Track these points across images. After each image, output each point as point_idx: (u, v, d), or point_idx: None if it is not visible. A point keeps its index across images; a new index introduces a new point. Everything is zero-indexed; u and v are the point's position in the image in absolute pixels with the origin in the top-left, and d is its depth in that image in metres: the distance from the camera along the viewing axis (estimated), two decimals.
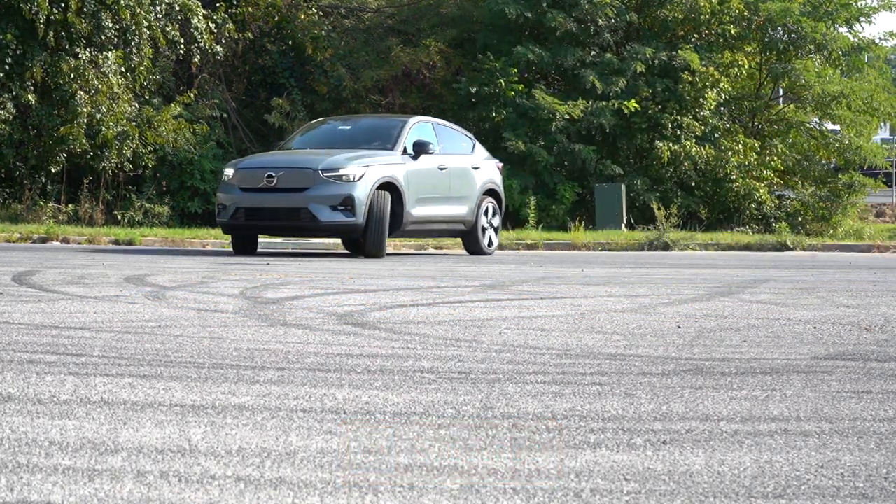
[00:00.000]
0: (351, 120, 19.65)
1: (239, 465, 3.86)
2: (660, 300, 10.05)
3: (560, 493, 3.62)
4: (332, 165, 16.47)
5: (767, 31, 27.54)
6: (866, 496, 3.66)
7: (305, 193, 16.34)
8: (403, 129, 17.72)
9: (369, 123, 19.12)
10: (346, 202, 16.27)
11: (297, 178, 16.49)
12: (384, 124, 18.43)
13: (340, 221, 16.36)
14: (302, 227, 16.79)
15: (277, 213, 16.47)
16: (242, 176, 16.85)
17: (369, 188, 16.44)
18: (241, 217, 16.63)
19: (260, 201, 16.51)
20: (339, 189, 16.28)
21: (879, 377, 5.92)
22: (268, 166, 16.67)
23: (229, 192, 16.79)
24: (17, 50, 23.25)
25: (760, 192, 26.48)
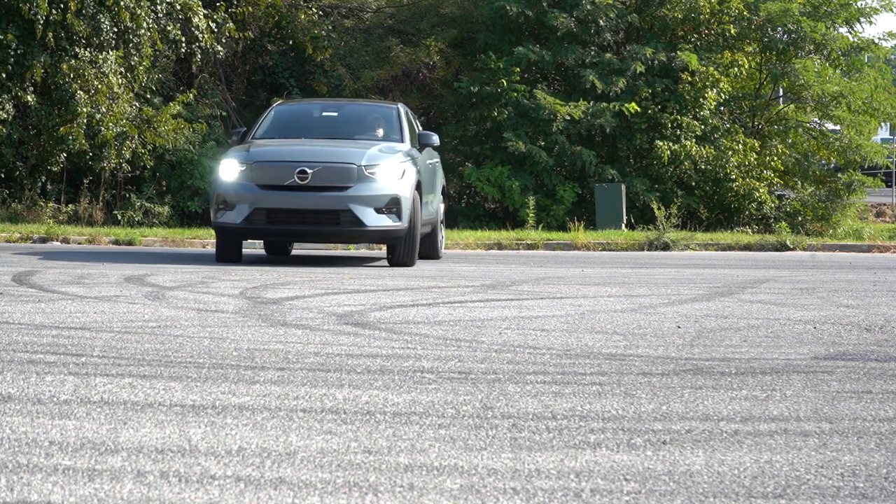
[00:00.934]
0: (331, 105, 17.27)
1: (239, 465, 3.86)
2: (660, 300, 10.05)
3: (560, 493, 3.62)
4: (374, 161, 13.88)
5: (767, 31, 27.55)
6: (866, 496, 3.66)
7: (347, 193, 13.67)
8: (401, 119, 15.59)
9: (357, 110, 16.77)
10: (393, 204, 13.73)
11: (336, 174, 13.75)
12: (377, 112, 16.24)
13: (387, 227, 13.76)
14: (342, 233, 14.15)
15: (312, 216, 13.78)
16: (263, 171, 13.86)
17: (411, 188, 13.97)
18: (261, 220, 13.75)
19: (289, 201, 13.72)
20: (384, 188, 13.74)
21: (879, 377, 5.92)
22: (300, 160, 13.82)
23: (240, 189, 13.81)
24: (17, 50, 23.26)
25: (760, 192, 26.49)
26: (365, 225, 13.68)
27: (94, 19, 23.73)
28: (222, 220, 13.89)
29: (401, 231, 13.86)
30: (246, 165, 13.86)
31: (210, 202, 14.36)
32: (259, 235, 14.67)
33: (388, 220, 13.74)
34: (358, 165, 13.77)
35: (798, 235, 24.27)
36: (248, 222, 13.78)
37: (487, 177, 25.62)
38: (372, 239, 14.20)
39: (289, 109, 16.74)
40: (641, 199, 26.01)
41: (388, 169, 13.84)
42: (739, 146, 26.69)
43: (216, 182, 14.16)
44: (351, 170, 13.75)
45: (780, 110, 28.59)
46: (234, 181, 13.83)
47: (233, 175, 13.86)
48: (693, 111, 26.90)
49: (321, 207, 13.70)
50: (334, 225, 13.80)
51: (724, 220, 26.92)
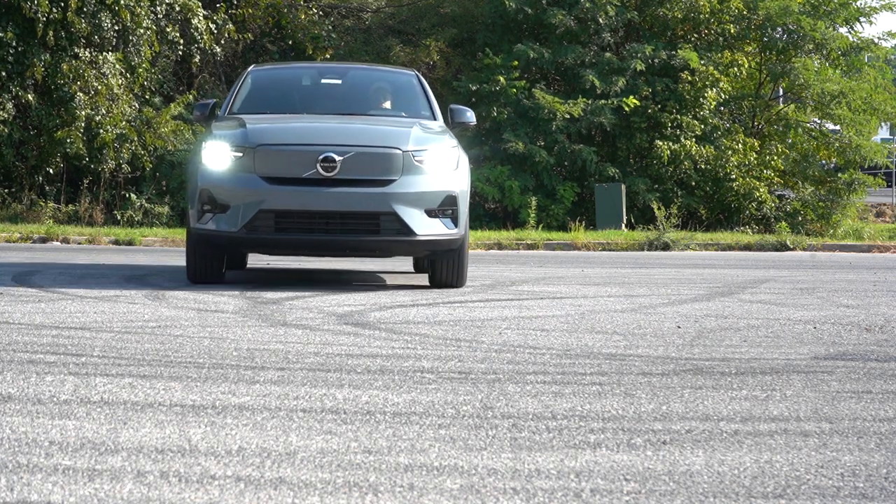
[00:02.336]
0: (332, 70, 13.49)
1: (239, 465, 3.86)
2: (660, 300, 10.05)
3: (560, 493, 3.62)
4: (422, 145, 10.44)
5: (767, 30, 27.55)
6: (866, 496, 3.66)
7: (390, 189, 10.14)
8: (426, 88, 12.11)
9: (367, 77, 12.97)
10: (449, 204, 10.34)
11: (376, 163, 10.21)
12: (392, 79, 12.70)
13: (441, 235, 10.30)
14: (383, 245, 10.29)
15: (341, 221, 10.15)
16: (271, 158, 10.20)
17: (468, 181, 10.69)
18: (268, 226, 10.08)
19: (308, 201, 10.08)
20: (437, 182, 10.31)
21: (879, 377, 5.92)
22: (323, 142, 10.23)
23: (237, 183, 10.17)
24: (17, 48, 23.26)
25: (760, 192, 26.49)
26: (414, 233, 10.08)
27: (95, 17, 23.74)
28: (210, 227, 10.13)
29: (456, 240, 10.39)
30: (244, 150, 10.15)
31: (189, 201, 10.51)
32: (266, 249, 10.71)
33: (442, 225, 10.27)
34: (404, 151, 10.21)
35: (798, 235, 24.27)
36: (250, 230, 9.99)
37: (487, 177, 25.63)
38: (421, 251, 10.49)
39: (272, 76, 12.87)
40: (641, 198, 26.01)
41: (439, 156, 10.39)
42: (739, 146, 26.68)
43: (199, 173, 10.29)
44: (395, 157, 10.17)
45: (780, 110, 28.58)
46: (228, 172, 10.15)
47: (225, 163, 10.17)
48: (693, 111, 26.90)
49: (355, 209, 10.05)
50: (372, 234, 10.10)
51: (724, 219, 26.92)
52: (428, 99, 11.92)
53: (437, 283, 10.82)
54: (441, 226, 10.29)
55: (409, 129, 10.61)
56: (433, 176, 10.29)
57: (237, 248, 10.57)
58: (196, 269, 10.60)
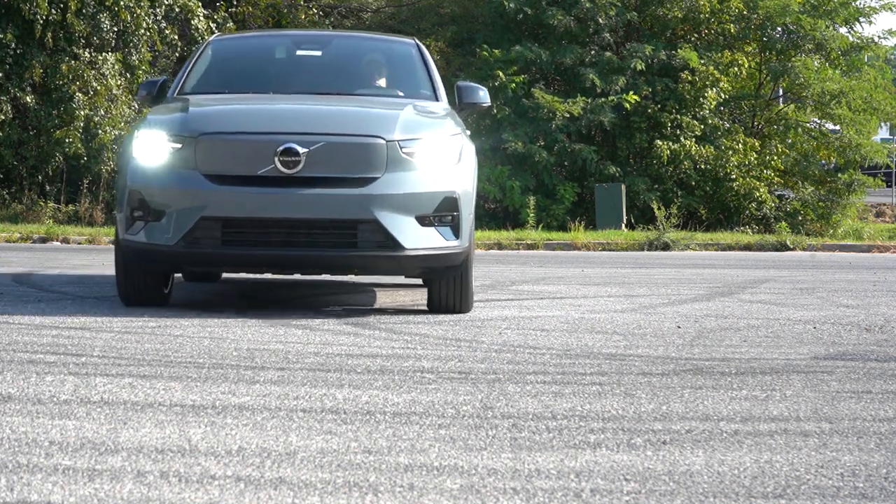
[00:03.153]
0: (310, 38, 11.15)
1: (239, 465, 3.86)
2: (660, 300, 10.05)
3: (560, 493, 3.62)
4: (413, 132, 8.32)
5: (767, 30, 27.56)
6: (866, 496, 3.66)
7: (369, 190, 8.03)
8: (427, 62, 9.81)
9: (354, 47, 10.46)
10: (448, 208, 8.20)
11: (351, 156, 8.13)
12: (386, 50, 10.34)
13: (438, 248, 8.14)
14: (360, 261, 8.15)
15: (307, 231, 8.05)
16: (215, 149, 8.14)
17: (472, 178, 8.55)
18: (214, 238, 8.01)
19: (264, 205, 7.99)
20: (432, 180, 8.20)
21: (879, 377, 5.92)
22: (283, 130, 8.14)
23: (173, 182, 8.09)
24: (16, 50, 23.26)
25: (761, 192, 26.49)
26: (401, 246, 7.99)
27: (94, 19, 23.74)
28: (141, 239, 8.11)
29: (458, 255, 8.22)
30: (183, 140, 8.10)
31: (117, 204, 8.44)
32: (210, 266, 8.92)
33: (439, 236, 8.15)
34: (388, 140, 8.10)
35: (798, 235, 24.26)
36: (190, 242, 7.96)
37: (487, 177, 25.64)
38: (412, 269, 8.26)
39: (237, 46, 10.55)
40: (641, 198, 26.01)
41: (436, 146, 8.27)
42: (740, 146, 26.68)
43: (128, 170, 8.26)
44: (376, 148, 8.08)
45: (780, 110, 28.58)
46: (164, 168, 8.11)
47: (160, 157, 8.12)
48: (693, 110, 26.90)
49: (325, 216, 7.99)
50: (348, 247, 8.02)
51: (724, 219, 26.91)
52: (430, 74, 9.61)
53: (436, 308, 8.58)
54: (437, 237, 8.10)
55: (397, 112, 8.48)
56: (427, 172, 8.13)
57: (175, 265, 8.37)
58: (128, 289, 8.43)
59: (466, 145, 8.56)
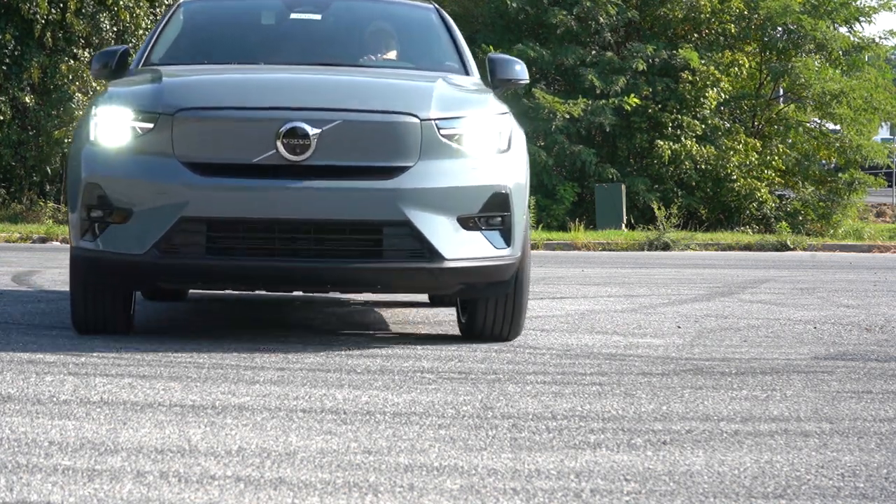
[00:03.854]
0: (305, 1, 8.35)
1: (239, 465, 3.86)
2: (660, 300, 10.04)
3: (560, 493, 3.62)
4: (453, 110, 6.68)
5: (767, 30, 27.57)
6: (867, 496, 3.66)
7: (397, 183, 6.40)
8: (452, 30, 8.00)
9: (361, 11, 8.41)
10: (498, 206, 6.58)
11: (373, 140, 6.48)
12: (401, 15, 8.41)
13: (487, 259, 6.52)
14: (387, 275, 6.47)
15: (317, 237, 6.39)
16: (198, 130, 6.48)
17: (525, 169, 6.89)
18: (195, 246, 6.36)
19: (263, 204, 6.34)
20: (477, 172, 6.57)
21: (880, 377, 5.92)
22: (285, 105, 6.51)
23: (143, 172, 6.44)
24: (15, 50, 23.27)
25: (761, 192, 26.50)
26: (440, 256, 6.33)
27: (94, 19, 23.74)
28: (100, 247, 6.41)
29: (509, 266, 6.57)
30: (156, 119, 6.42)
31: (69, 203, 6.71)
32: (192, 280, 6.77)
33: (487, 242, 6.48)
34: (423, 119, 6.46)
35: (798, 235, 24.27)
36: (166, 251, 6.30)
37: None
38: (451, 285, 6.53)
39: (214, 9, 8.44)
40: (642, 199, 26.01)
41: (481, 128, 6.62)
42: (740, 146, 26.69)
43: (83, 158, 6.56)
44: (409, 128, 6.43)
45: (781, 110, 28.59)
46: (130, 155, 6.43)
47: (124, 140, 6.44)
48: (693, 110, 26.90)
49: (341, 217, 6.33)
50: (371, 257, 6.36)
51: (725, 219, 26.91)
52: (455, 43, 7.85)
53: (475, 333, 6.85)
54: (484, 243, 6.45)
55: (430, 85, 6.85)
56: (472, 160, 6.49)
57: (145, 281, 6.87)
58: (85, 312, 6.69)
59: (516, 128, 6.84)
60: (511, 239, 6.56)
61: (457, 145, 6.52)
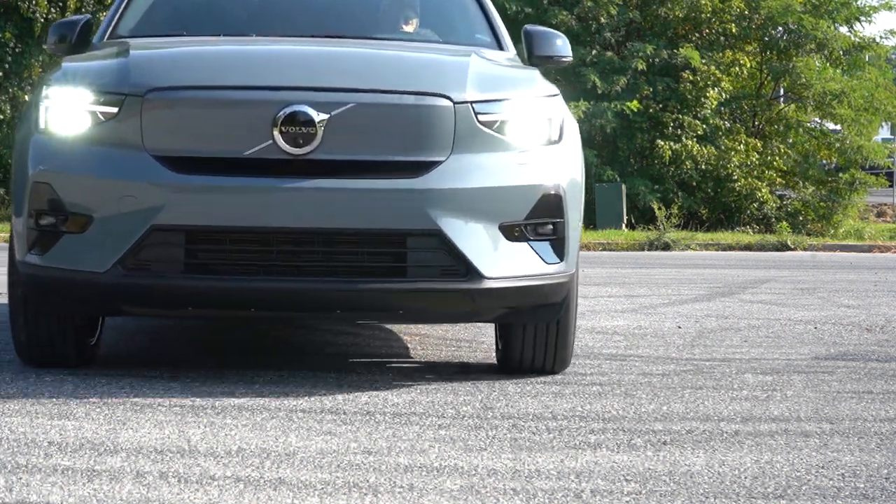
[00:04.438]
0: None
1: (238, 465, 3.85)
2: (660, 300, 10.04)
3: (560, 493, 3.61)
4: (495, 90, 5.45)
5: (768, 29, 27.57)
6: (867, 496, 3.66)
7: (427, 182, 5.16)
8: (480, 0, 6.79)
9: None
10: (547, 213, 5.34)
11: (394, 126, 5.23)
12: None
13: (535, 277, 5.30)
14: (413, 300, 5.23)
15: (326, 250, 5.13)
16: (173, 116, 5.20)
17: (578, 167, 5.63)
18: (172, 262, 5.10)
19: (256, 209, 5.11)
20: (524, 169, 5.33)
21: (880, 377, 5.92)
22: (287, 85, 5.23)
23: (105, 169, 5.15)
24: (15, 49, 23.28)
25: (762, 192, 26.51)
26: (478, 273, 5.18)
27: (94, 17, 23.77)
28: (51, 263, 5.22)
29: (560, 286, 5.43)
30: (120, 100, 5.22)
31: (13, 206, 5.49)
32: (166, 303, 5.29)
33: (536, 256, 5.33)
34: (457, 102, 5.29)
35: (799, 235, 24.27)
36: (133, 268, 5.11)
37: None
38: (492, 310, 5.36)
39: None
40: (642, 199, 26.01)
41: (529, 114, 5.45)
42: (741, 146, 26.70)
43: (30, 150, 5.36)
44: (439, 113, 5.27)
45: (781, 110, 28.60)
46: (87, 146, 5.24)
47: (81, 128, 5.25)
48: (694, 110, 26.91)
49: (353, 225, 5.15)
50: (390, 276, 5.20)
51: (725, 220, 26.92)
52: (486, 13, 6.70)
53: (514, 366, 5.70)
54: (533, 258, 5.27)
55: (464, 60, 5.64)
56: (518, 154, 5.31)
57: (108, 305, 5.32)
58: (29, 342, 5.50)
59: (568, 115, 5.66)
60: (564, 251, 5.34)
61: (499, 135, 5.28)
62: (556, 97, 5.60)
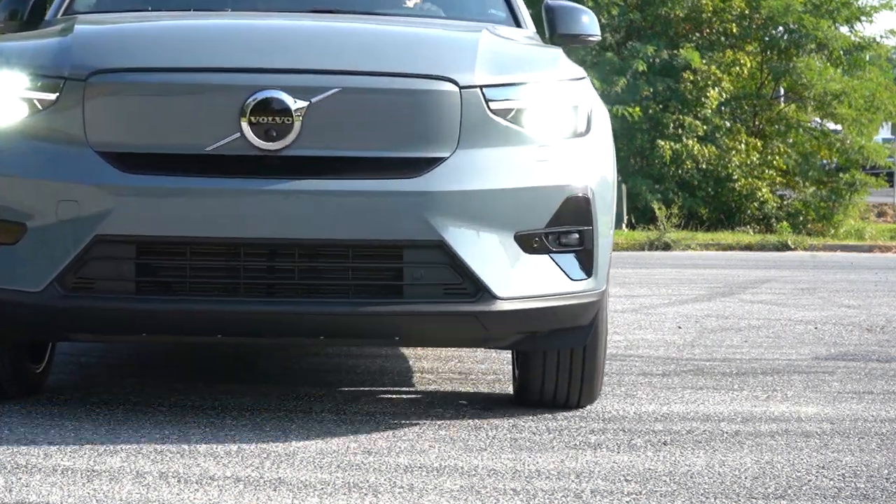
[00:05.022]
0: None
1: (238, 465, 3.85)
2: (660, 300, 10.04)
3: (560, 493, 3.61)
4: (507, 73, 4.58)
5: (768, 29, 27.57)
6: (868, 497, 3.66)
7: (427, 184, 4.30)
8: None
9: None
10: (572, 219, 4.49)
11: (389, 115, 4.35)
12: None
13: (554, 296, 4.46)
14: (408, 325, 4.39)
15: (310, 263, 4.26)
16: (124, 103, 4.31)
17: (610, 163, 4.83)
18: (120, 280, 4.23)
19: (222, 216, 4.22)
20: (544, 167, 4.48)
21: (881, 377, 5.91)
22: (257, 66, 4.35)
23: (40, 167, 4.28)
24: None
25: (762, 192, 26.51)
26: (490, 293, 4.33)
27: None
28: None
29: (588, 306, 4.60)
30: (58, 84, 4.35)
31: None
32: (113, 328, 4.43)
33: (558, 271, 4.49)
34: (463, 86, 4.42)
35: (799, 235, 24.27)
36: (74, 289, 4.24)
37: None
38: (505, 337, 4.55)
39: None
40: (643, 199, 26.02)
41: (550, 100, 4.62)
42: (742, 146, 26.70)
43: None
44: (443, 99, 4.40)
45: (782, 110, 28.61)
46: (19, 140, 4.34)
47: (11, 119, 4.36)
48: (695, 110, 26.91)
49: (339, 235, 4.27)
50: (383, 296, 4.32)
51: (725, 219, 26.93)
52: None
53: (534, 398, 4.90)
54: (556, 273, 4.48)
55: (473, 37, 4.83)
56: (538, 149, 4.50)
57: (45, 331, 4.57)
58: None
59: (597, 102, 4.97)
60: (593, 265, 4.51)
61: (514, 125, 4.45)
62: (583, 80, 4.83)
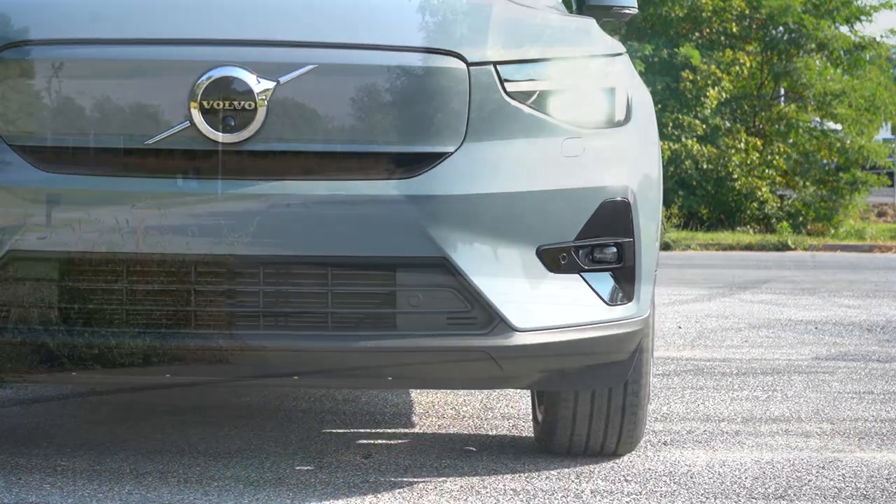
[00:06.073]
0: None
1: (238, 465, 3.85)
2: (661, 300, 10.04)
3: (560, 493, 3.61)
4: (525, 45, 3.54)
5: (769, 29, 27.57)
6: (867, 497, 3.65)
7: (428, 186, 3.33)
8: None
9: None
10: (608, 229, 3.52)
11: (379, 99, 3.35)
12: None
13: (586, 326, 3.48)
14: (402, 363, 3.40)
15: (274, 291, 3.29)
16: (46, 84, 3.33)
17: (655, 158, 4.04)
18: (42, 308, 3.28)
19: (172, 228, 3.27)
20: (572, 166, 3.47)
21: (881, 377, 5.91)
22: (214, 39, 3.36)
23: None
24: None
25: (762, 192, 26.51)
26: (506, 323, 3.36)
27: None
28: None
29: (629, 337, 3.58)
30: None
31: None
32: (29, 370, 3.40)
33: (592, 295, 3.50)
34: (471, 63, 3.40)
35: (799, 235, 24.27)
36: None
37: None
38: (524, 377, 3.59)
39: None
40: None
41: (579, 80, 3.58)
42: (742, 145, 26.70)
43: None
44: (447, 79, 3.40)
45: (782, 109, 28.60)
46: None
47: None
48: (694, 110, 26.91)
49: (316, 252, 3.31)
50: (373, 328, 3.34)
51: (725, 219, 26.93)
52: None
53: (563, 446, 4.02)
54: (587, 296, 3.53)
55: (485, 4, 3.71)
56: (565, 141, 3.53)
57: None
58: None
59: (638, 83, 3.92)
60: (634, 286, 3.60)
61: (536, 112, 3.51)
62: (622, 56, 3.82)
